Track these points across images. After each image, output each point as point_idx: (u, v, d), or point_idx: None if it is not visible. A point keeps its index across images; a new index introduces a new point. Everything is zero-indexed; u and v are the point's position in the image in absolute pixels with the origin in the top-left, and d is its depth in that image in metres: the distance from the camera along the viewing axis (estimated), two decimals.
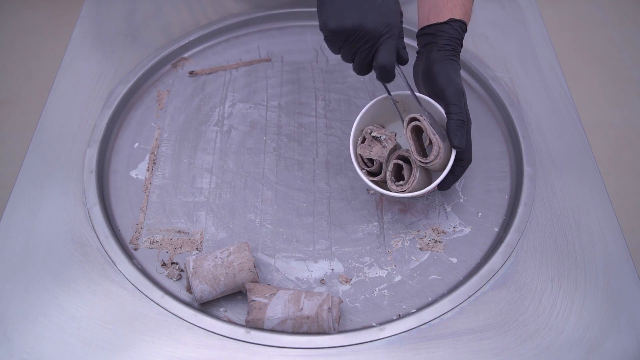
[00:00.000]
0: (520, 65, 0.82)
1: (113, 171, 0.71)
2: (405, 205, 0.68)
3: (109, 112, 0.74)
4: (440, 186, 0.64)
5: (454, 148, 0.60)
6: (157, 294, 0.59)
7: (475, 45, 0.84)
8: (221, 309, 0.59)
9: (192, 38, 0.84)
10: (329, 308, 0.55)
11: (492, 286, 0.60)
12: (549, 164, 0.70)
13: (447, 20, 0.64)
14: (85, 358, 0.54)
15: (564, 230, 0.64)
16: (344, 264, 0.63)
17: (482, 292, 0.59)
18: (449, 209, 0.68)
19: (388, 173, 0.62)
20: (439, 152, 0.59)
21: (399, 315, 0.59)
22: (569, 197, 0.67)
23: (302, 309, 0.55)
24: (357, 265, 0.63)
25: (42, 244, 0.62)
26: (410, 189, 0.60)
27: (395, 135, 0.64)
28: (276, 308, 0.55)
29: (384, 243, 0.65)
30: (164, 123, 0.76)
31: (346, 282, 0.62)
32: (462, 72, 0.83)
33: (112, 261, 0.61)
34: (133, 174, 0.71)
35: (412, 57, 0.64)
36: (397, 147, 0.64)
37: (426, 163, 0.60)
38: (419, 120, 0.60)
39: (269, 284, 0.59)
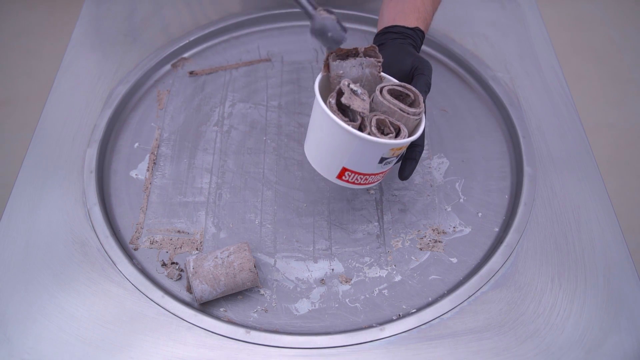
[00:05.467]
0: (520, 65, 0.82)
1: (113, 171, 0.71)
2: (405, 205, 0.68)
3: (109, 112, 0.74)
4: (401, 173, 0.61)
5: (422, 93, 0.57)
6: (157, 294, 0.59)
7: (475, 45, 0.84)
8: (221, 309, 0.59)
9: (192, 38, 0.84)
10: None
11: (492, 286, 0.60)
12: (549, 164, 0.71)
13: (414, 27, 0.66)
14: (85, 358, 0.54)
15: (564, 230, 0.64)
16: (344, 264, 0.63)
17: (482, 292, 0.59)
18: (449, 209, 0.68)
19: (373, 128, 0.54)
20: (420, 104, 0.56)
21: (399, 315, 0.59)
22: (569, 197, 0.67)
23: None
24: (357, 265, 0.63)
25: (42, 244, 0.62)
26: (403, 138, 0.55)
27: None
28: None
29: (384, 243, 0.65)
30: (164, 123, 0.76)
31: (346, 282, 0.62)
32: (462, 72, 0.83)
33: (112, 261, 0.61)
34: (133, 174, 0.71)
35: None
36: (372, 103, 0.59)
37: (416, 114, 0.55)
38: (395, 85, 0.57)
39: None
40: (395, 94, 0.57)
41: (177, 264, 0.63)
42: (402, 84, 0.57)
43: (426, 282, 0.62)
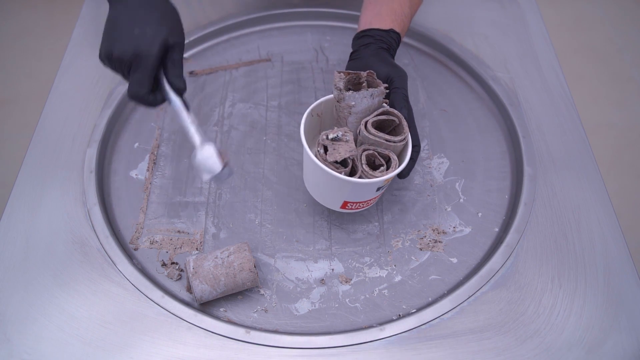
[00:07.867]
0: (520, 65, 0.82)
1: (113, 171, 0.71)
2: (405, 205, 0.68)
3: (109, 112, 0.74)
4: (400, 174, 0.61)
5: (403, 109, 0.59)
6: (157, 294, 0.59)
7: (475, 45, 0.84)
8: (221, 309, 0.59)
9: (192, 38, 0.84)
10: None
11: (492, 286, 0.60)
12: (549, 164, 0.71)
13: (389, 29, 0.67)
14: (85, 358, 0.54)
15: (564, 230, 0.64)
16: (344, 264, 0.63)
17: (482, 292, 0.59)
18: (449, 209, 0.68)
19: (364, 165, 0.57)
20: (404, 129, 0.58)
21: (399, 315, 0.59)
22: (569, 197, 0.67)
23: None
24: (357, 265, 0.63)
25: (42, 244, 0.62)
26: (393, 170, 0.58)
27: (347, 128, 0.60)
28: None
29: (384, 243, 0.65)
30: (164, 123, 0.76)
31: (346, 282, 0.62)
32: (462, 72, 0.83)
33: (112, 261, 0.61)
34: (133, 174, 0.71)
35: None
36: (356, 135, 0.61)
37: (402, 140, 0.57)
38: (386, 114, 0.59)
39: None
40: (378, 121, 0.59)
41: (177, 264, 0.63)
42: (386, 109, 0.59)
43: (426, 282, 0.62)
